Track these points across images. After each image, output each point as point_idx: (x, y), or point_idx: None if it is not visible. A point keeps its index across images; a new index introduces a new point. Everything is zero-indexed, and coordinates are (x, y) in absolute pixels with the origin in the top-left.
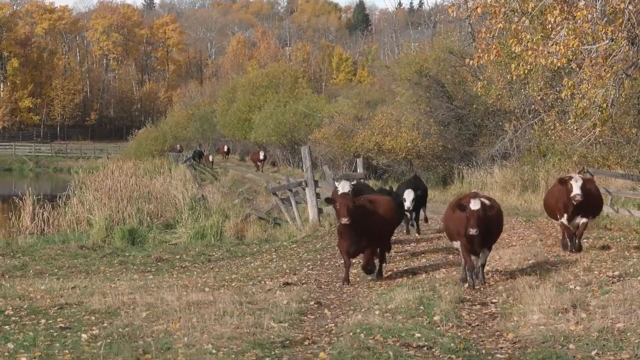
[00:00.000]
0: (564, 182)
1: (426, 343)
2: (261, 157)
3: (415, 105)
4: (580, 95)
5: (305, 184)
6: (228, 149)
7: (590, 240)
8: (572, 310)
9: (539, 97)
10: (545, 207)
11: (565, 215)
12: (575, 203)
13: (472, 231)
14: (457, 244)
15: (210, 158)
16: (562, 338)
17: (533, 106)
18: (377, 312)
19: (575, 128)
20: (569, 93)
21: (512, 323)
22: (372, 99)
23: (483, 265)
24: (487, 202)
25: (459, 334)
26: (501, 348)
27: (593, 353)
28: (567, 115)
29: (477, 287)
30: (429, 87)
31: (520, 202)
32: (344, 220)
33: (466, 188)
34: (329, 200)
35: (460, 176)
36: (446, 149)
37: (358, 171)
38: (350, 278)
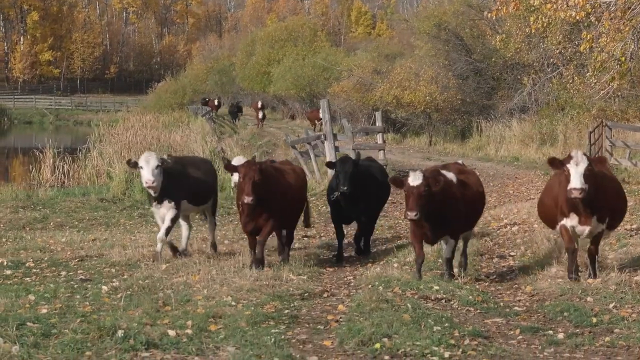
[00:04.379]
0: (558, 165)
1: (444, 295)
2: (321, 115)
3: (434, 58)
4: (599, 49)
5: (324, 137)
6: (262, 105)
7: None
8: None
9: (557, 51)
10: (539, 209)
11: (574, 215)
12: (575, 200)
13: (410, 214)
14: None
15: (260, 114)
16: (580, 291)
17: (552, 60)
18: (395, 265)
19: (593, 81)
20: (588, 46)
21: (530, 276)
22: (390, 53)
23: (449, 260)
24: (451, 175)
25: (477, 286)
26: (519, 301)
27: (611, 306)
28: (586, 68)
29: (446, 279)
30: (448, 40)
31: (538, 155)
32: (247, 200)
33: (484, 141)
34: (229, 168)
35: (479, 129)
36: (465, 102)
37: (377, 125)
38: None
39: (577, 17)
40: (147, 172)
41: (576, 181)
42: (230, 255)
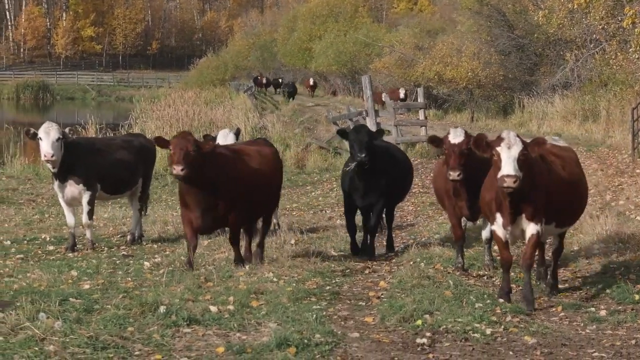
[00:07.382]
0: (485, 148)
1: (486, 272)
2: (402, 95)
3: (476, 34)
4: None
5: (365, 113)
6: (314, 82)
7: None
8: (633, 240)
9: (600, 26)
10: (481, 203)
11: (499, 217)
12: (507, 192)
13: (453, 174)
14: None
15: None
16: (622, 268)
17: (594, 35)
18: (437, 242)
19: (636, 57)
20: (631, 22)
21: (572, 253)
22: (432, 28)
23: (490, 240)
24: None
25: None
26: (561, 277)
27: None
28: (629, 44)
29: (487, 271)
30: (490, 16)
31: (581, 131)
32: (177, 169)
33: (527, 117)
34: (159, 141)
35: (521, 105)
36: (507, 78)
37: (418, 101)
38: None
39: None
40: (47, 144)
41: (509, 167)
42: (272, 231)
